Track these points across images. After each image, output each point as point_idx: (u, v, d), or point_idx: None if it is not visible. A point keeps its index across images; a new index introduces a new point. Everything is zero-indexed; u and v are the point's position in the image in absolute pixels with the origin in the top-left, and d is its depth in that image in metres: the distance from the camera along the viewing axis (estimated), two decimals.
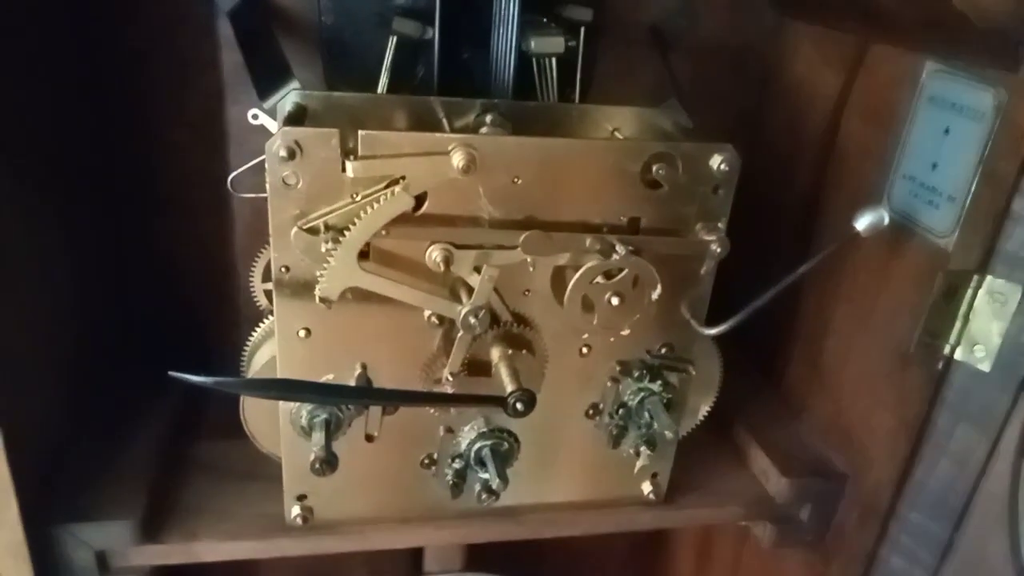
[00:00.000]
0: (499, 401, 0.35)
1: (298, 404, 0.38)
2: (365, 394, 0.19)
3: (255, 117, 0.39)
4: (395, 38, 0.43)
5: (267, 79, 0.39)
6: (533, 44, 0.43)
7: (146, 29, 0.47)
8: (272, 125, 0.39)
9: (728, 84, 0.56)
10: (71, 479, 0.41)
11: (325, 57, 0.47)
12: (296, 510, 0.40)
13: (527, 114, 0.42)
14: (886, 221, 0.40)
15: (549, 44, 0.43)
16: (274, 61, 0.40)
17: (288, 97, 0.39)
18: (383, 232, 0.34)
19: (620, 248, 0.37)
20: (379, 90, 0.44)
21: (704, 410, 0.47)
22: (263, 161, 0.34)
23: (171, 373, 0.21)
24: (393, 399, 0.21)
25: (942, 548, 0.43)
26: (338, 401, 0.21)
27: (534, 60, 0.44)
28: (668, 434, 0.41)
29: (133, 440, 0.44)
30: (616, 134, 0.43)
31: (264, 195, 0.35)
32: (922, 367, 0.41)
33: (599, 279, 0.37)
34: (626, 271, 0.37)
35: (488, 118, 0.41)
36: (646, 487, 0.45)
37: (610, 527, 0.46)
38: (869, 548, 0.46)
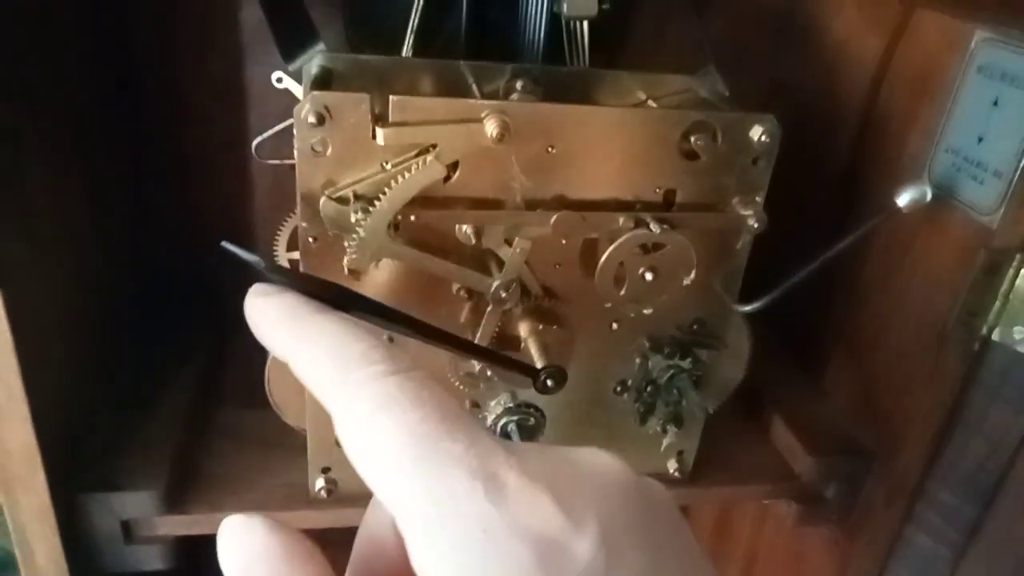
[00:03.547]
0: (533, 372, 0.35)
1: None
2: (412, 324, 0.19)
3: (279, 80, 0.38)
4: None
5: (291, 40, 0.38)
6: (565, 6, 0.41)
7: None
8: (297, 89, 0.37)
9: (766, 49, 0.54)
10: (97, 448, 0.40)
11: (347, 17, 0.45)
12: (321, 483, 0.40)
13: (559, 80, 0.40)
14: (928, 197, 0.39)
15: (582, 6, 0.41)
16: (298, 21, 0.39)
17: (313, 60, 0.38)
18: (413, 202, 0.33)
19: (654, 226, 0.36)
20: (404, 52, 0.42)
21: (732, 387, 0.46)
22: (288, 127, 0.33)
23: (224, 244, 0.21)
24: (435, 337, 0.22)
25: (970, 528, 0.43)
26: (384, 325, 0.21)
27: (565, 23, 0.42)
28: (697, 412, 0.40)
29: (157, 409, 0.44)
30: (650, 102, 0.41)
31: (288, 161, 0.34)
32: (958, 347, 0.41)
33: (636, 250, 0.36)
34: (667, 247, 0.36)
35: (519, 83, 0.39)
36: (671, 465, 0.45)
37: None
38: (895, 527, 0.46)
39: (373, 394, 0.17)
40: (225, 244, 0.21)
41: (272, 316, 0.19)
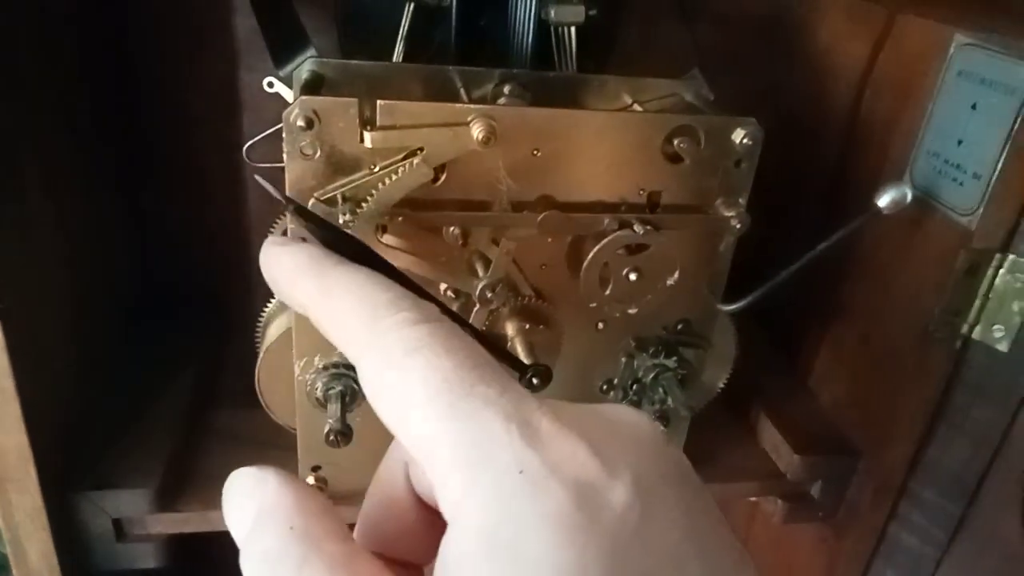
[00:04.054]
0: (520, 368, 0.35)
1: (313, 376, 0.38)
2: (422, 296, 0.19)
3: (270, 85, 0.38)
4: (412, 5, 0.42)
5: (283, 46, 0.39)
6: (553, 13, 0.42)
7: None
8: (288, 94, 0.38)
9: (752, 55, 0.54)
10: (89, 447, 0.41)
11: (340, 24, 0.46)
12: (311, 480, 0.41)
13: (546, 84, 0.41)
14: (909, 198, 0.40)
15: (569, 13, 0.42)
16: (290, 27, 0.40)
17: (304, 65, 0.39)
18: (401, 205, 0.34)
19: (638, 227, 0.36)
20: (395, 58, 0.43)
21: (718, 386, 0.47)
22: (278, 130, 0.34)
23: (257, 176, 0.21)
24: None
25: (954, 526, 0.43)
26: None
27: (553, 29, 0.43)
28: (682, 410, 0.41)
29: (150, 409, 0.44)
30: (636, 106, 0.42)
31: (279, 165, 0.34)
32: (941, 346, 0.41)
33: (621, 251, 0.37)
34: (651, 248, 0.37)
35: (506, 88, 0.40)
36: None
37: None
38: (881, 525, 0.46)
39: (404, 340, 0.16)
40: (258, 177, 0.21)
41: (291, 267, 0.19)
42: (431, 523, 0.19)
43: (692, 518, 0.16)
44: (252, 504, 0.17)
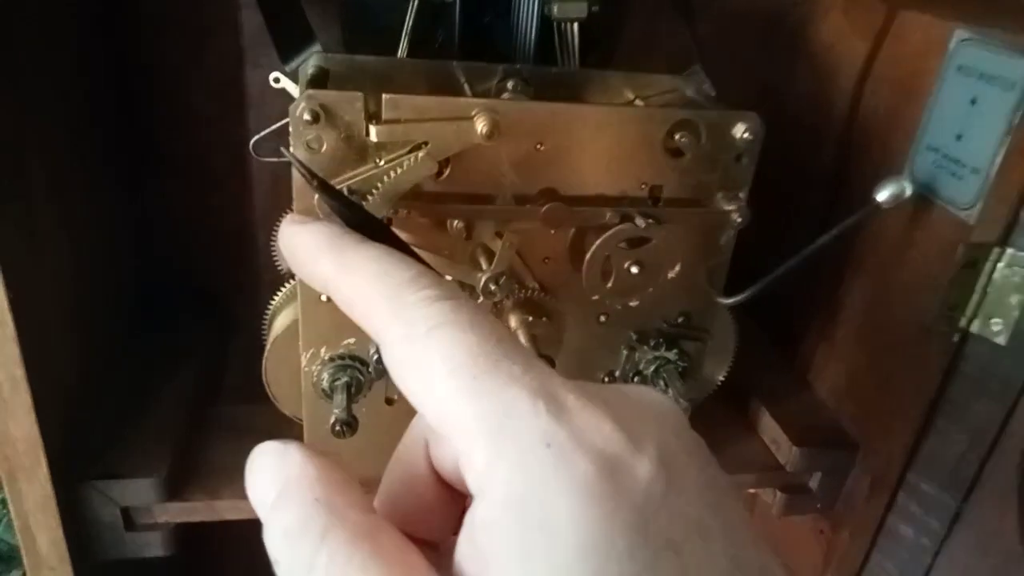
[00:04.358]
0: None
1: (320, 367, 0.38)
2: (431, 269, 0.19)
3: (276, 80, 0.39)
4: (416, 0, 0.42)
5: (288, 42, 0.39)
6: (556, 9, 0.42)
7: None
8: (293, 89, 0.38)
9: (754, 52, 0.55)
10: (98, 438, 0.41)
11: (344, 19, 0.46)
12: None
13: (549, 80, 0.41)
14: (908, 192, 0.40)
15: (572, 9, 0.42)
16: (296, 23, 0.40)
17: (309, 60, 0.39)
18: (406, 197, 0.34)
19: (640, 220, 0.37)
20: (399, 54, 0.43)
21: (718, 379, 0.47)
22: (285, 125, 0.34)
23: (282, 148, 0.22)
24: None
25: (951, 518, 0.44)
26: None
27: (556, 25, 0.44)
28: (682, 402, 0.41)
29: (157, 401, 0.45)
30: (638, 101, 0.42)
31: (285, 159, 0.35)
32: (939, 339, 0.41)
33: (622, 244, 0.37)
34: (653, 241, 0.37)
35: (510, 83, 0.41)
36: None
37: None
38: (879, 517, 0.46)
39: (428, 315, 0.16)
40: (284, 150, 0.21)
41: (311, 245, 0.19)
42: (450, 501, 0.19)
43: (714, 494, 0.16)
44: (276, 477, 0.17)
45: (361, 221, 0.20)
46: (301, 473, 0.17)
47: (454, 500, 0.19)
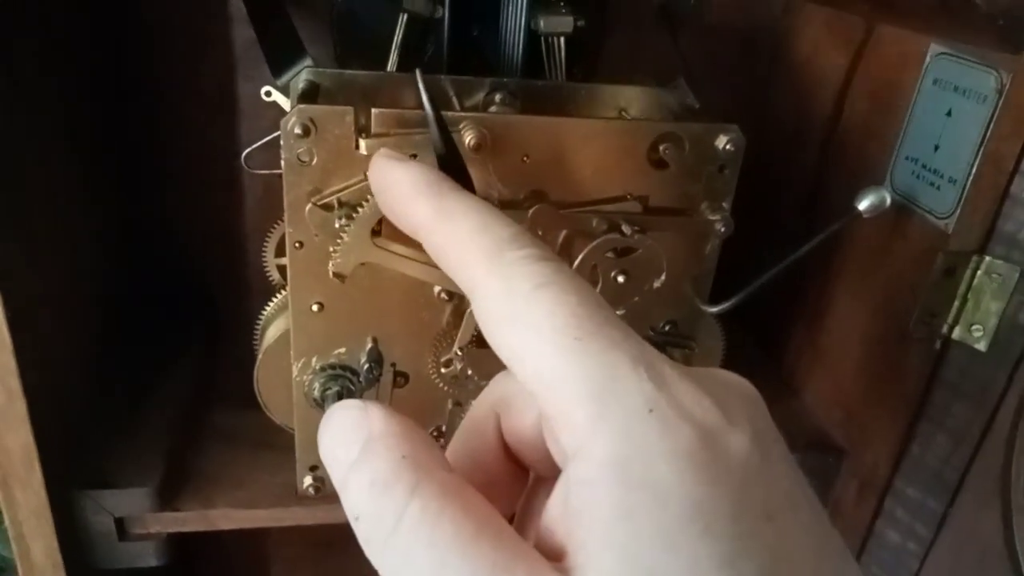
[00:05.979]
0: None
1: (311, 377, 0.39)
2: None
3: (268, 94, 0.39)
4: (405, 16, 0.43)
5: (280, 56, 0.40)
6: (542, 23, 0.43)
7: (159, 2, 0.48)
8: (285, 102, 0.39)
9: (736, 65, 0.56)
10: (92, 447, 0.42)
11: (336, 34, 0.47)
12: (308, 480, 0.42)
13: (536, 93, 0.42)
14: (888, 202, 0.41)
15: (558, 23, 0.43)
16: (287, 38, 0.41)
17: (300, 74, 0.40)
18: None
19: (626, 228, 0.37)
20: (389, 68, 0.44)
21: None
22: (276, 138, 0.35)
23: (417, 71, 0.22)
24: None
25: (937, 522, 0.44)
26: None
27: (543, 39, 0.45)
28: None
29: (151, 410, 0.45)
30: (624, 114, 0.43)
31: (276, 171, 0.36)
32: (921, 346, 0.42)
33: (609, 254, 0.38)
34: (639, 251, 0.38)
35: (497, 97, 0.41)
36: None
37: None
38: (866, 522, 0.47)
39: (531, 274, 0.16)
40: (418, 72, 0.20)
41: (409, 184, 0.19)
42: (517, 475, 0.19)
43: (797, 473, 0.17)
44: (358, 435, 0.17)
45: (456, 168, 0.19)
46: (386, 430, 0.17)
47: (518, 478, 0.19)
